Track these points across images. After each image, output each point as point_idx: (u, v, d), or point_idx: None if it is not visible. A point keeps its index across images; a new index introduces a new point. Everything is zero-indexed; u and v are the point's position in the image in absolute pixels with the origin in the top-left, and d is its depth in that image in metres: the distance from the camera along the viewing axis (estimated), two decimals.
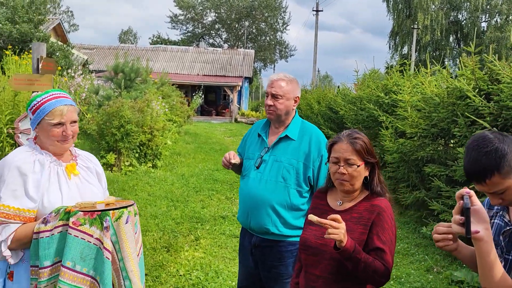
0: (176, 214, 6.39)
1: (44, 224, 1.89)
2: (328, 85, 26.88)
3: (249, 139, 2.82)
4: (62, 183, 2.05)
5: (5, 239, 1.88)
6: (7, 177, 1.91)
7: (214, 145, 14.68)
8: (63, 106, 2.05)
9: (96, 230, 1.87)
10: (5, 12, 15.43)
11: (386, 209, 1.97)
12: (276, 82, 2.60)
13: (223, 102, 35.03)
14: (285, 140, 2.62)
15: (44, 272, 1.85)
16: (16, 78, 5.52)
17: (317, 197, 2.21)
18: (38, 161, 2.01)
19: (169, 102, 13.86)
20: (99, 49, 35.71)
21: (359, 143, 1.99)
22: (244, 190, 2.66)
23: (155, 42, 49.91)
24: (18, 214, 1.91)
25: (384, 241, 1.92)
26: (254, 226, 2.60)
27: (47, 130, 2.03)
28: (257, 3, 46.66)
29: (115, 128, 8.65)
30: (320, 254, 1.98)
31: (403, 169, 7.03)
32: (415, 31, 32.49)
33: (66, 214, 1.88)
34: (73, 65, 16.12)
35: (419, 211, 6.55)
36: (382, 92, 8.92)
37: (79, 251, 1.84)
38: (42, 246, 1.85)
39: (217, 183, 8.66)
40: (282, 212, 2.53)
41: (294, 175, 2.53)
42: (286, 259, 2.55)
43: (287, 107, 2.60)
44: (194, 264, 4.68)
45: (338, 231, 1.77)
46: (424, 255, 5.28)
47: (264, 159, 2.61)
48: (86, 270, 1.87)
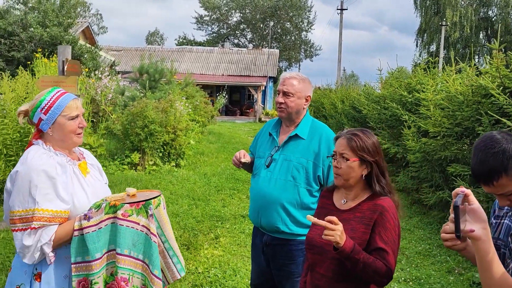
0: (197, 212, 6.48)
1: (87, 220, 1.98)
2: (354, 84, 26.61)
3: (261, 138, 2.85)
4: (82, 183, 2.12)
5: (48, 241, 1.94)
6: (38, 182, 1.93)
7: (237, 145, 14.76)
8: (75, 99, 2.12)
9: (142, 218, 2.04)
10: (37, 16, 15.92)
11: (389, 209, 1.97)
12: (288, 80, 2.61)
13: (247, 102, 35.14)
14: (295, 139, 2.63)
15: (96, 264, 1.97)
16: (43, 80, 5.71)
17: (324, 196, 2.24)
18: (58, 163, 2.04)
19: (192, 102, 14.01)
20: (126, 51, 36.41)
21: (355, 140, 2.01)
22: (255, 189, 2.69)
23: (181, 43, 50.49)
24: (56, 216, 1.97)
25: (386, 241, 1.92)
26: (264, 225, 2.62)
27: (65, 126, 2.07)
28: (282, 2, 46.58)
29: (139, 128, 8.82)
30: (324, 253, 1.99)
31: (426, 169, 6.92)
32: (443, 28, 31.82)
33: (112, 208, 2.01)
34: (100, 66, 16.51)
35: (443, 212, 6.44)
36: (405, 91, 8.79)
37: (130, 239, 2.02)
38: (90, 241, 1.96)
39: (238, 182, 8.72)
40: (292, 210, 2.54)
41: (304, 174, 2.54)
42: (297, 257, 2.57)
43: (298, 106, 2.62)
44: (213, 262, 4.74)
45: (334, 233, 1.80)
46: (446, 256, 5.19)
47: (274, 158, 2.63)
48: (136, 255, 2.04)
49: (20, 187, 1.93)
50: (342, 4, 31.78)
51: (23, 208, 1.92)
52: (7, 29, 15.30)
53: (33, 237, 1.91)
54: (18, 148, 6.02)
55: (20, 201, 1.93)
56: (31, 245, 1.91)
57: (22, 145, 6.03)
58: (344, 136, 2.05)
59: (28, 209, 1.92)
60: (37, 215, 1.91)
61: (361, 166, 2.02)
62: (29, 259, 1.93)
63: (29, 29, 15.47)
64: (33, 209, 1.91)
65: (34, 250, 1.92)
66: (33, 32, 15.15)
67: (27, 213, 1.92)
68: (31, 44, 15.24)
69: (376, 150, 2.03)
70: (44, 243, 1.93)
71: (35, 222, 1.91)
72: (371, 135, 2.06)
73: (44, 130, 2.07)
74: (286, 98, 2.60)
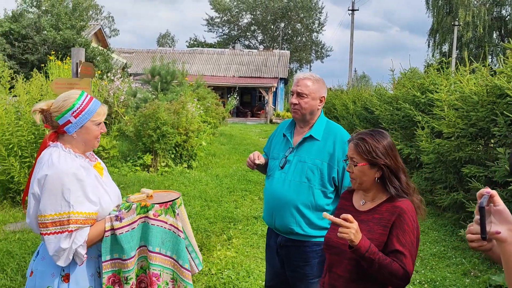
0: (210, 214, 6.48)
1: (119, 221, 2.06)
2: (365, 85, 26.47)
3: (275, 139, 2.84)
4: (101, 183, 2.15)
5: (83, 243, 1.98)
6: (70, 185, 1.96)
7: (248, 146, 14.77)
8: (102, 105, 2.17)
9: (169, 218, 2.18)
10: (50, 19, 16.12)
11: (407, 211, 1.94)
12: (302, 81, 2.60)
13: (258, 103, 35.17)
14: (310, 140, 2.61)
15: (131, 261, 2.09)
16: (57, 82, 5.77)
17: (344, 197, 2.23)
18: (82, 166, 2.07)
19: (204, 104, 14.05)
20: (138, 53, 36.68)
21: (361, 144, 2.00)
22: (269, 190, 2.67)
23: (192, 45, 50.72)
24: (89, 218, 2.01)
25: (404, 244, 1.89)
26: (278, 226, 2.61)
27: (91, 131, 2.11)
28: (292, 4, 46.57)
29: (151, 130, 8.87)
30: (342, 253, 1.99)
31: (440, 170, 6.84)
32: (456, 28, 31.49)
33: (143, 208, 2.13)
34: (112, 69, 16.66)
35: (457, 213, 6.36)
36: (418, 91, 8.71)
37: (160, 237, 2.15)
38: (125, 241, 2.06)
39: (250, 184, 8.72)
40: (306, 212, 2.52)
41: (319, 175, 2.52)
42: (311, 259, 2.55)
43: (312, 107, 2.60)
44: (226, 263, 4.74)
45: (348, 231, 1.80)
46: (461, 259, 5.12)
47: (289, 159, 2.61)
48: (165, 252, 2.18)
49: (51, 191, 1.94)
50: (353, 5, 31.67)
51: (57, 212, 1.94)
52: (21, 32, 15.54)
53: (69, 240, 1.95)
54: (33, 150, 6.08)
55: (52, 205, 1.94)
56: (67, 248, 1.94)
57: (37, 146, 6.09)
58: (352, 140, 2.05)
59: (62, 212, 1.94)
60: (73, 218, 1.94)
61: (372, 169, 2.00)
62: (64, 262, 1.96)
63: (42, 32, 15.68)
64: (68, 212, 1.94)
65: (70, 252, 1.95)
66: (47, 35, 15.35)
67: (61, 217, 1.94)
68: (45, 47, 15.44)
69: (386, 153, 2.00)
70: (79, 245, 1.97)
71: (72, 225, 1.94)
72: (381, 138, 2.03)
73: (69, 133, 2.08)
74: (300, 99, 2.59)
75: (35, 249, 4.71)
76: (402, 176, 2.02)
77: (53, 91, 5.77)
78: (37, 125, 6.14)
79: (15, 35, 15.52)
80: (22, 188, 6.09)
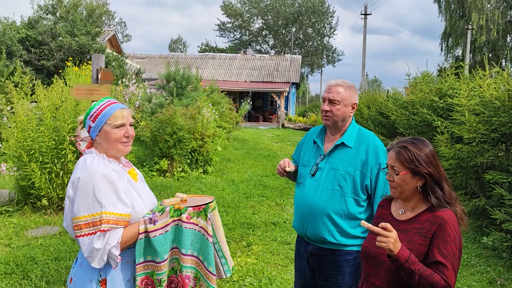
0: (228, 219, 6.46)
1: (153, 224, 2.07)
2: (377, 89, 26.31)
3: (304, 146, 2.80)
4: (136, 188, 2.17)
5: (116, 244, 1.99)
6: (101, 187, 1.98)
7: (262, 151, 14.75)
8: (122, 109, 2.16)
9: (201, 220, 2.18)
10: (65, 25, 16.30)
11: (449, 221, 1.89)
12: (334, 88, 2.56)
13: (270, 108, 35.18)
14: (342, 147, 2.58)
15: (165, 264, 2.09)
16: (77, 88, 5.81)
17: (382, 206, 2.19)
18: (114, 170, 2.09)
19: (218, 109, 14.08)
20: (150, 58, 36.94)
21: (403, 152, 1.96)
22: (300, 198, 2.64)
23: (203, 50, 50.99)
24: (120, 219, 2.02)
25: (446, 255, 1.84)
26: (310, 235, 2.58)
27: (109, 134, 2.11)
28: (304, 8, 46.60)
29: (168, 135, 8.90)
30: (380, 263, 1.95)
31: (461, 176, 6.75)
32: (469, 31, 31.20)
33: (176, 211, 2.13)
34: (127, 74, 16.78)
35: (479, 220, 6.26)
36: (436, 96, 8.62)
37: (190, 239, 2.16)
38: (158, 244, 2.07)
39: (266, 189, 8.69)
40: (338, 221, 2.49)
41: (351, 183, 2.49)
42: (344, 268, 2.51)
43: (344, 114, 2.57)
44: (247, 270, 4.71)
45: (387, 240, 1.76)
46: (485, 267, 5.03)
47: (320, 166, 2.58)
48: (191, 252, 2.18)
49: (84, 193, 1.98)
50: (366, 9, 31.55)
51: (89, 213, 1.97)
52: (37, 38, 15.73)
53: (102, 240, 1.96)
54: (53, 156, 6.12)
55: (85, 206, 1.97)
56: (100, 248, 1.96)
57: (57, 152, 6.13)
58: (393, 148, 2.01)
59: (95, 213, 1.97)
60: (105, 218, 1.96)
61: (414, 178, 1.96)
62: (98, 263, 1.98)
63: (58, 38, 15.86)
64: (100, 213, 1.96)
65: (103, 253, 1.97)
66: (62, 41, 15.52)
67: (94, 217, 1.96)
68: (60, 53, 15.61)
69: (429, 161, 1.95)
70: (113, 245, 1.98)
71: (104, 224, 1.96)
72: (423, 145, 1.99)
73: (92, 138, 2.15)
74: (332, 106, 2.55)
75: (57, 255, 4.74)
76: (445, 185, 1.97)
77: (74, 97, 5.81)
78: (58, 130, 6.19)
79: (31, 42, 15.72)
80: (43, 194, 6.14)
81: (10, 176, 7.21)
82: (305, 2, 47.03)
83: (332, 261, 2.54)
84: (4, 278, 4.22)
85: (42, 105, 6.31)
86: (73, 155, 6.12)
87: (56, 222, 5.91)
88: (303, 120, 30.78)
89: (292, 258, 5.11)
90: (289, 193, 8.43)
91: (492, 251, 5.50)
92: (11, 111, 6.70)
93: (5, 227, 5.65)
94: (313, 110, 34.63)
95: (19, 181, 6.29)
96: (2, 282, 4.12)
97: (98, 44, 16.35)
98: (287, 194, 8.40)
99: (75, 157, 6.12)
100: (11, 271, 4.35)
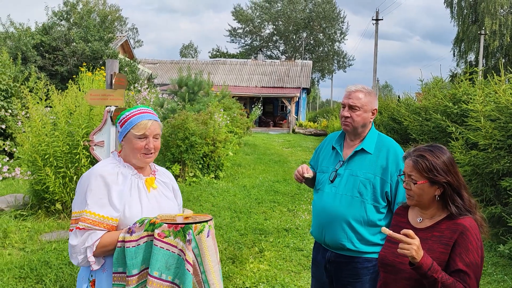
0: (240, 225, 6.44)
1: (130, 234, 1.97)
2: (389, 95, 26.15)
3: (323, 152, 2.77)
4: (142, 196, 2.14)
5: (91, 245, 1.99)
6: (93, 186, 2.03)
7: (273, 156, 14.72)
8: (148, 120, 2.15)
9: (179, 242, 1.94)
10: (79, 31, 16.49)
11: (470, 229, 1.85)
12: (354, 94, 2.53)
13: (280, 113, 35.15)
14: (361, 153, 2.54)
15: (132, 279, 1.94)
16: (91, 94, 5.85)
17: (398, 214, 2.15)
18: (121, 173, 2.12)
19: (230, 114, 14.10)
20: (162, 64, 37.20)
21: (421, 161, 1.92)
22: (318, 204, 2.60)
23: (214, 55, 51.21)
24: (103, 221, 2.01)
25: (468, 264, 1.80)
26: (329, 241, 2.55)
27: (132, 142, 2.13)
28: (314, 14, 46.64)
29: (180, 140, 8.92)
30: (398, 272, 1.91)
31: (476, 183, 6.65)
32: (482, 37, 30.95)
33: (151, 225, 1.96)
34: (139, 79, 16.90)
35: (495, 228, 6.16)
36: (450, 102, 8.53)
37: (164, 261, 1.93)
38: (129, 256, 1.94)
39: (278, 195, 8.66)
40: (358, 227, 2.46)
41: (371, 190, 2.45)
42: (363, 275, 2.47)
43: (364, 120, 2.54)
44: (260, 277, 4.68)
45: (410, 247, 1.72)
46: (502, 275, 4.94)
47: (339, 173, 2.55)
48: (171, 278, 1.95)
49: (79, 190, 2.08)
50: (378, 14, 31.45)
51: (78, 210, 2.04)
52: (51, 44, 15.92)
53: (79, 238, 1.99)
54: (67, 160, 6.16)
55: (77, 203, 2.06)
56: (76, 245, 1.99)
57: (71, 157, 6.17)
58: (410, 156, 1.96)
59: (80, 210, 2.03)
60: (83, 216, 1.99)
61: (432, 187, 1.92)
62: (74, 260, 2.02)
63: (71, 44, 16.04)
64: (82, 211, 2.01)
65: (78, 251, 1.99)
66: (76, 47, 15.69)
67: (78, 215, 2.03)
68: (74, 59, 15.77)
69: (447, 170, 1.91)
70: (87, 246, 1.99)
71: (81, 222, 1.99)
72: (441, 153, 1.94)
73: (119, 140, 2.21)
74: (352, 112, 2.52)
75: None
76: (464, 193, 1.93)
77: (88, 102, 5.84)
78: (72, 135, 6.24)
79: (46, 47, 15.91)
80: (57, 198, 6.18)
81: (24, 180, 7.29)
82: (316, 7, 47.09)
83: (350, 268, 2.50)
84: (19, 282, 4.24)
85: (57, 110, 6.36)
86: (86, 160, 6.15)
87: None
88: (314, 125, 30.70)
89: (305, 264, 5.07)
90: (301, 199, 8.39)
91: (509, 259, 5.40)
92: (25, 116, 6.77)
93: (19, 231, 5.69)
94: (324, 115, 34.53)
95: (34, 185, 6.34)
96: (17, 286, 4.15)
97: (111, 49, 16.50)
98: (298, 200, 8.36)
99: (88, 161, 6.15)
100: (25, 275, 4.37)
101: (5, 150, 9.74)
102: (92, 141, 5.25)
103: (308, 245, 5.66)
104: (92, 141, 5.24)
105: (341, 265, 2.52)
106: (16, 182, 8.49)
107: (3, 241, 5.33)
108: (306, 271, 4.89)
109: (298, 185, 9.43)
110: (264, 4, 48.62)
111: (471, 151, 6.60)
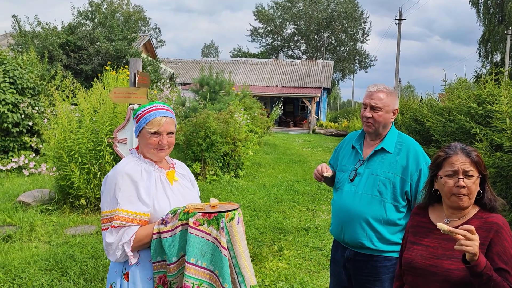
0: (259, 224, 6.48)
1: (164, 225, 2.06)
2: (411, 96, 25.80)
3: (342, 151, 2.78)
4: (166, 189, 2.21)
5: (128, 240, 2.06)
6: (122, 185, 2.09)
7: (293, 156, 14.71)
8: (162, 117, 2.20)
9: (213, 230, 2.03)
10: (103, 31, 16.79)
11: (504, 226, 1.83)
12: (376, 94, 2.53)
13: (301, 113, 35.07)
14: (381, 152, 2.54)
15: (173, 267, 2.05)
16: (115, 92, 5.97)
17: (417, 214, 2.10)
18: (144, 170, 2.18)
19: (250, 113, 14.16)
20: (183, 63, 37.53)
21: (475, 155, 1.89)
22: (338, 203, 2.62)
23: (235, 55, 51.42)
24: (136, 217, 2.09)
25: (507, 261, 1.76)
26: (348, 240, 2.56)
27: (145, 138, 2.19)
28: (337, 14, 46.33)
29: (201, 139, 9.01)
30: (430, 276, 1.87)
31: (501, 185, 6.52)
32: (509, 36, 30.23)
33: (185, 214, 2.04)
34: (161, 78, 17.11)
35: None
36: (474, 103, 8.38)
37: (199, 248, 2.02)
38: (167, 245, 2.04)
39: (297, 194, 8.66)
40: (377, 226, 2.46)
41: (391, 189, 2.45)
42: (382, 275, 2.47)
43: (386, 120, 2.54)
44: (279, 275, 4.71)
45: (472, 243, 1.63)
46: None
47: (359, 172, 2.56)
48: (206, 265, 2.04)
49: (107, 190, 2.13)
50: (401, 14, 31.07)
51: (109, 209, 2.10)
52: (76, 43, 16.26)
53: (115, 236, 2.06)
54: (92, 157, 6.31)
55: (107, 202, 2.12)
56: (112, 243, 2.06)
57: (96, 153, 6.32)
58: (460, 153, 1.89)
59: (112, 209, 2.09)
60: (117, 214, 2.06)
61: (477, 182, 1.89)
62: (112, 257, 2.09)
63: (96, 43, 16.34)
64: (115, 209, 2.08)
65: (116, 248, 2.06)
66: (100, 46, 15.99)
67: (111, 213, 2.09)
68: (98, 58, 16.08)
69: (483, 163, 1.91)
70: (124, 242, 2.05)
71: (115, 221, 2.06)
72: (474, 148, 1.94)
73: (135, 135, 2.27)
74: (374, 112, 2.52)
75: (95, 253, 4.88)
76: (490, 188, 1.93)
77: (112, 100, 5.97)
78: (96, 132, 6.38)
79: (71, 46, 16.25)
80: (81, 194, 6.33)
81: (50, 176, 7.49)
82: (338, 7, 46.77)
83: (369, 267, 2.51)
84: (44, 274, 4.37)
85: (82, 108, 6.51)
86: (110, 157, 6.28)
87: (93, 222, 6.07)
88: (334, 126, 30.51)
89: (324, 264, 5.08)
90: (320, 199, 8.37)
91: None
92: (52, 113, 6.95)
93: (45, 225, 5.85)
94: (345, 115, 34.29)
95: (59, 181, 6.51)
96: (42, 278, 4.27)
97: (134, 49, 16.75)
98: (318, 200, 8.35)
99: (112, 158, 6.28)
100: (51, 267, 4.51)
101: (31, 146, 10.00)
102: (116, 138, 5.36)
103: (328, 245, 5.66)
104: (116, 138, 5.36)
105: (360, 264, 2.53)
106: (42, 177, 8.72)
107: (29, 235, 5.49)
108: (325, 270, 4.89)
109: (318, 185, 9.42)
110: (286, 4, 48.54)
111: (495, 153, 6.47)
